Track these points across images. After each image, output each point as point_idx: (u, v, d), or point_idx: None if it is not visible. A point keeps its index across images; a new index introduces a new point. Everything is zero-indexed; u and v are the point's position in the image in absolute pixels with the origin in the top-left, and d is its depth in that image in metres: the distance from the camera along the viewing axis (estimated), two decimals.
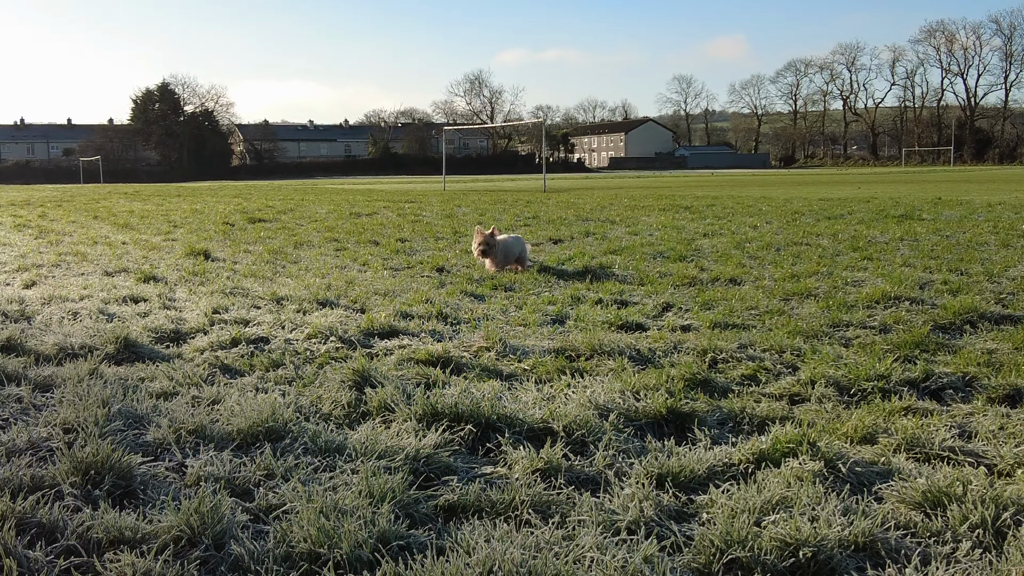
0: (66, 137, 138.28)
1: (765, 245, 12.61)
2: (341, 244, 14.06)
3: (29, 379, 5.19)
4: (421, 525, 3.27)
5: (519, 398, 4.85)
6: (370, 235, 15.46)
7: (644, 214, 20.08)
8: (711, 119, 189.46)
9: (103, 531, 3.08)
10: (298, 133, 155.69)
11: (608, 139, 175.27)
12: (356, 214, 21.53)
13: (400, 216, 20.60)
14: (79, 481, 3.53)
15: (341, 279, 9.68)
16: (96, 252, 12.83)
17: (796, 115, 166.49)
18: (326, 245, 13.90)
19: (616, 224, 17.33)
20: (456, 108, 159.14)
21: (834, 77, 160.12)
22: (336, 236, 15.39)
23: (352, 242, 14.35)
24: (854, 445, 4.13)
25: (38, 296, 8.40)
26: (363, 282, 9.50)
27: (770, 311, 7.51)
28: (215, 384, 5.18)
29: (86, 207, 27.34)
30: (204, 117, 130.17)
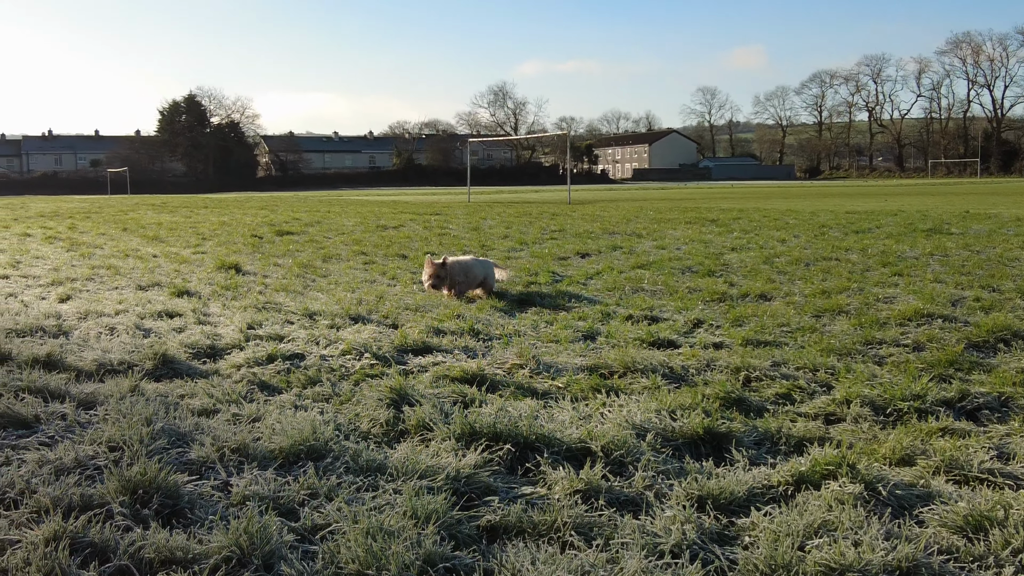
0: (93, 148, 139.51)
1: (794, 260, 12.59)
2: (369, 257, 14.13)
3: (72, 396, 5.25)
4: (465, 546, 3.30)
5: (555, 417, 4.88)
6: (397, 248, 15.54)
7: (670, 227, 20.08)
8: (735, 130, 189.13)
9: (154, 551, 3.13)
10: (323, 144, 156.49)
11: (632, 150, 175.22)
12: (383, 227, 21.63)
13: (426, 229, 20.68)
14: (128, 500, 3.59)
15: (371, 293, 9.74)
16: (128, 265, 12.96)
17: (821, 126, 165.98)
18: (355, 258, 13.98)
19: (643, 238, 17.34)
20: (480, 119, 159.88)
21: (859, 88, 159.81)
22: (364, 249, 15.47)
23: (380, 255, 14.43)
24: (893, 467, 4.13)
25: (74, 311, 8.49)
26: (393, 296, 9.56)
27: (802, 328, 7.50)
28: (254, 401, 5.24)
29: (115, 219, 27.58)
30: (230, 128, 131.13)
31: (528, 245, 16.06)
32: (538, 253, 14.44)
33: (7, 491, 3.74)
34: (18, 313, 8.27)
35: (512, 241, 16.90)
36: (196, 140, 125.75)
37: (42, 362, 6.09)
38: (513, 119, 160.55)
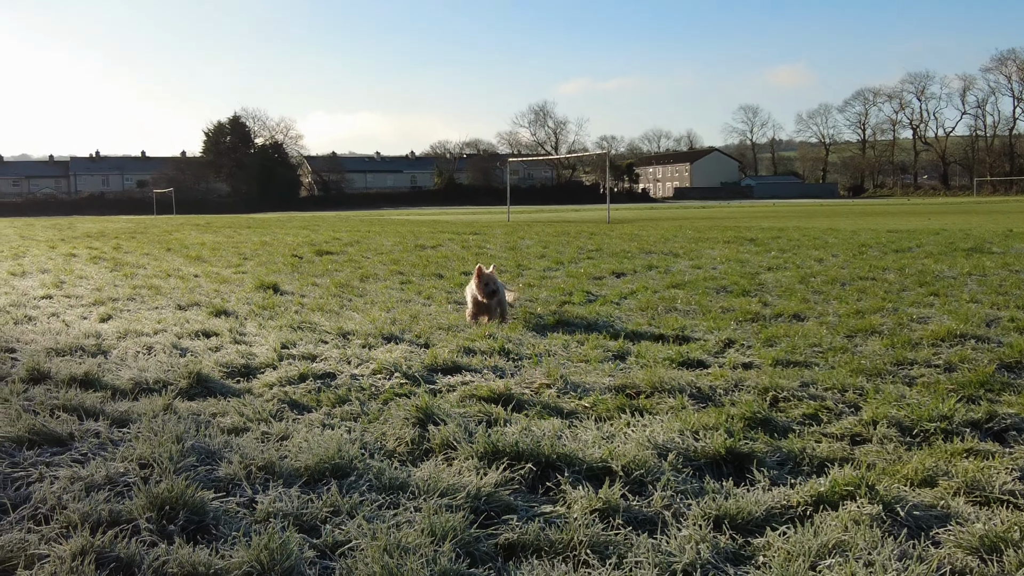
0: (140, 169, 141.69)
1: (830, 280, 12.53)
2: (406, 277, 14.25)
3: (106, 414, 5.37)
4: (481, 564, 3.35)
5: (579, 436, 4.92)
6: (435, 268, 15.65)
7: (708, 247, 20.04)
8: (778, 148, 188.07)
9: (178, 566, 3.22)
10: (365, 164, 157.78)
11: (673, 169, 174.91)
12: (421, 246, 21.78)
13: (464, 248, 20.80)
14: (155, 516, 3.68)
15: (406, 313, 9.83)
16: (169, 285, 13.16)
17: (865, 144, 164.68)
18: (392, 278, 14.10)
19: (679, 257, 17.33)
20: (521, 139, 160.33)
21: (904, 106, 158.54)
22: (401, 269, 15.59)
23: (417, 275, 14.54)
24: (914, 488, 4.13)
25: (114, 330, 8.66)
26: (427, 316, 9.64)
27: (833, 348, 7.48)
28: (283, 420, 5.33)
29: (159, 239, 27.98)
30: (273, 149, 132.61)
31: (564, 265, 16.11)
32: (574, 273, 14.48)
33: (39, 507, 3.84)
34: (59, 332, 8.45)
35: (549, 260, 16.96)
36: (240, 161, 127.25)
37: (79, 380, 6.23)
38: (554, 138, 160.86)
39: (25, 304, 10.86)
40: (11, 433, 4.84)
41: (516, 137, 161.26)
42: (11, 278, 14.63)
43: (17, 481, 4.23)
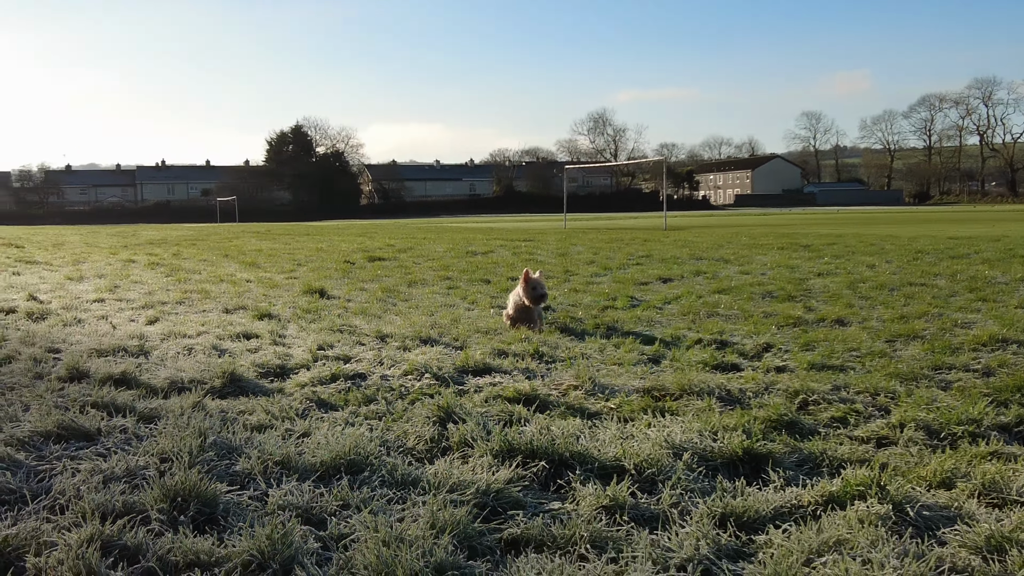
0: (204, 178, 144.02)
1: (879, 285, 12.37)
2: (453, 282, 14.33)
3: (136, 411, 5.49)
4: (481, 557, 3.38)
5: (597, 436, 4.93)
6: (482, 274, 15.71)
7: (760, 253, 19.87)
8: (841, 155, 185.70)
9: (181, 554, 3.29)
10: (424, 172, 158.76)
11: (734, 176, 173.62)
12: (472, 252, 21.87)
13: (514, 255, 20.85)
14: (167, 507, 3.77)
15: (447, 317, 9.89)
16: (219, 290, 13.37)
17: (930, 151, 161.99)
18: (439, 283, 14.18)
19: (729, 263, 17.21)
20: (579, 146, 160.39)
21: (970, 112, 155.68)
22: (449, 274, 15.68)
23: (464, 280, 14.62)
24: (931, 489, 4.08)
25: (158, 332, 8.83)
26: (468, 320, 9.69)
27: (872, 353, 7.41)
28: (308, 418, 5.41)
29: (218, 246, 28.40)
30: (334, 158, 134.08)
31: (612, 270, 16.09)
32: (620, 278, 14.45)
33: (58, 498, 3.95)
34: (105, 334, 8.63)
35: (596, 267, 16.95)
36: (302, 169, 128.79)
37: (116, 379, 6.36)
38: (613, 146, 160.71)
39: (77, 307, 11.10)
40: (40, 428, 4.98)
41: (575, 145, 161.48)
42: (67, 283, 14.95)
43: (40, 473, 4.35)
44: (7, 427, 5.05)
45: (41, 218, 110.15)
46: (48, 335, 8.64)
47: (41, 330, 9.00)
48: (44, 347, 7.80)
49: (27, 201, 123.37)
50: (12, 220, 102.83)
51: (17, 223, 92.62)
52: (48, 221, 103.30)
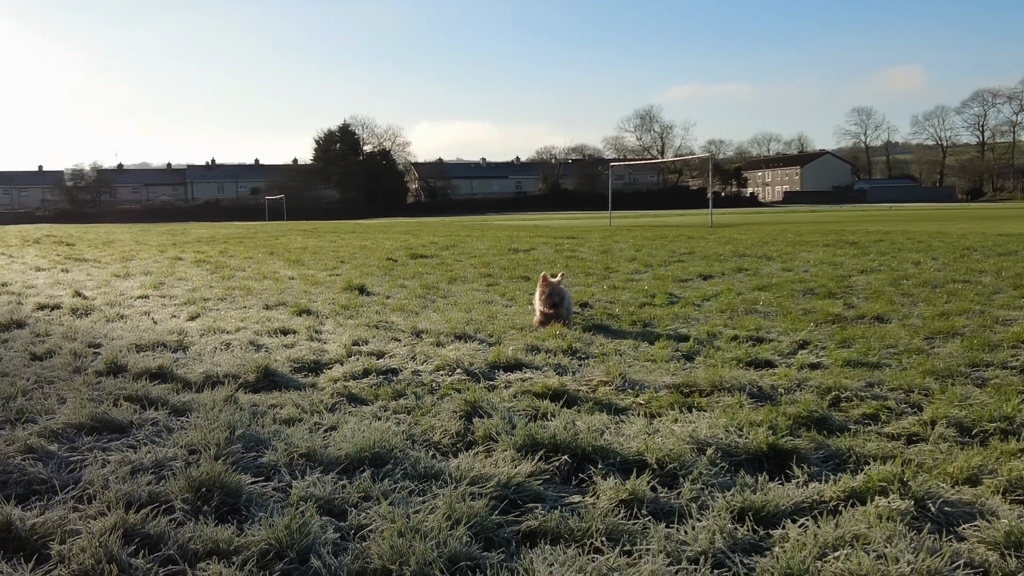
0: (253, 176, 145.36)
1: (922, 282, 12.22)
2: (493, 279, 14.36)
3: (168, 404, 5.59)
4: (496, 548, 3.41)
5: (622, 431, 4.93)
6: (523, 271, 15.74)
7: (805, 250, 19.69)
8: (892, 151, 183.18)
9: (201, 543, 3.36)
10: (470, 170, 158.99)
11: (783, 173, 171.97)
12: (514, 250, 21.91)
13: (556, 252, 20.85)
14: (191, 497, 3.84)
15: (484, 313, 9.93)
16: (262, 287, 13.52)
17: (983, 147, 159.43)
18: (479, 280, 14.23)
19: (772, 260, 17.08)
20: (626, 143, 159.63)
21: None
22: (490, 271, 15.72)
23: (504, 277, 14.65)
24: (957, 486, 4.04)
25: (198, 328, 8.96)
26: (505, 317, 9.73)
27: (909, 350, 7.33)
28: (337, 412, 5.48)
29: (264, 243, 28.69)
30: (381, 156, 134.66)
31: (652, 267, 16.04)
32: (660, 275, 14.41)
33: (87, 488, 4.04)
34: (145, 329, 8.78)
35: (638, 263, 16.91)
36: (349, 168, 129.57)
37: (152, 373, 6.49)
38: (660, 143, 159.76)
39: (121, 303, 11.30)
40: (74, 420, 5.09)
41: (622, 142, 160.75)
42: (114, 279, 15.21)
43: (71, 464, 4.45)
44: (42, 419, 5.16)
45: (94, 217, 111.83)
46: (90, 330, 8.81)
47: (84, 326, 9.18)
48: (85, 342, 7.96)
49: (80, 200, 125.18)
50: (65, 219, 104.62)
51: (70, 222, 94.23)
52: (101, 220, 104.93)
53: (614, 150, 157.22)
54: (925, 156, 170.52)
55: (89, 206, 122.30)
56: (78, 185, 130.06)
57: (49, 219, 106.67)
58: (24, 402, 5.56)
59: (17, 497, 3.95)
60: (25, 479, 4.17)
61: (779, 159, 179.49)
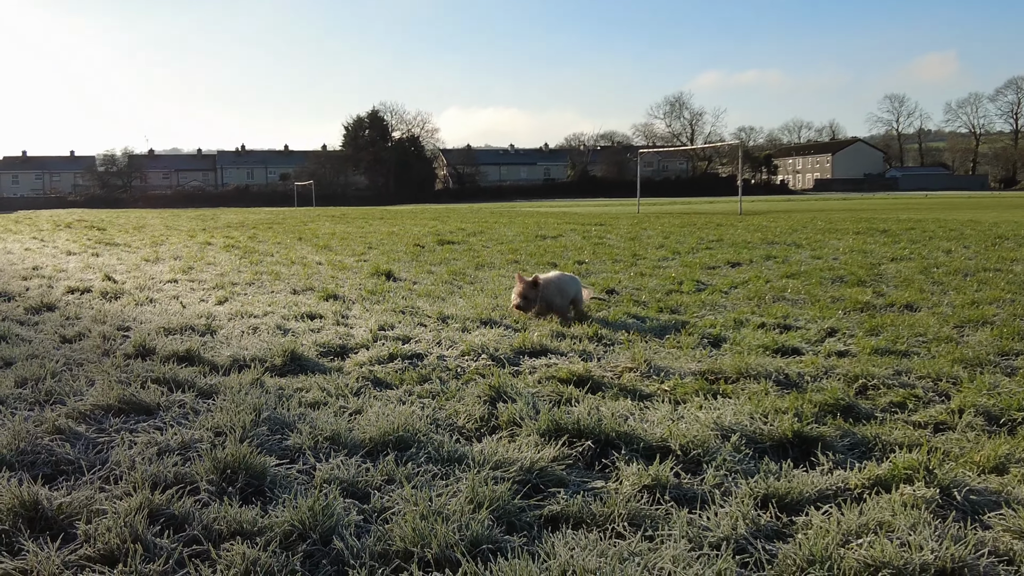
0: (282, 163, 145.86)
1: (953, 271, 12.11)
2: (521, 265, 14.34)
3: (195, 386, 5.64)
4: (518, 532, 3.42)
5: (647, 417, 4.92)
6: (550, 257, 15.72)
7: (835, 237, 19.56)
8: (925, 139, 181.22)
9: (225, 524, 3.39)
10: (499, 157, 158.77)
11: (814, 160, 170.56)
12: (541, 236, 21.88)
13: (584, 239, 20.81)
14: (216, 479, 3.88)
15: (510, 299, 9.91)
16: (290, 272, 13.58)
17: (1017, 135, 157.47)
18: (506, 266, 14.22)
19: (801, 248, 16.97)
20: (656, 131, 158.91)
21: None
22: (517, 258, 15.71)
23: (532, 264, 14.63)
24: (983, 474, 4.01)
25: (226, 312, 9.02)
26: None
27: (939, 338, 7.27)
28: (362, 396, 5.50)
29: (293, 229, 28.81)
30: (410, 143, 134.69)
31: (680, 255, 15.97)
32: (688, 262, 14.35)
33: (114, 468, 4.08)
34: (175, 313, 8.84)
35: (665, 251, 16.84)
36: (378, 154, 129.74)
37: (180, 356, 6.54)
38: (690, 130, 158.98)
39: (150, 287, 11.39)
40: (102, 402, 5.14)
41: (651, 129, 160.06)
42: (144, 264, 15.33)
43: (99, 445, 4.50)
44: (71, 400, 5.21)
45: (125, 202, 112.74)
46: (120, 314, 8.88)
47: (114, 309, 9.26)
48: (114, 325, 8.04)
49: (112, 185, 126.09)
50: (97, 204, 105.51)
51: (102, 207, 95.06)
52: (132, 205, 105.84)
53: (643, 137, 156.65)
54: (958, 144, 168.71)
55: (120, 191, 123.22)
56: (109, 170, 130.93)
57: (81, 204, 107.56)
58: (53, 384, 5.62)
59: (44, 477, 4.01)
60: (53, 459, 4.22)
61: (810, 146, 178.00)
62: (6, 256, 17.70)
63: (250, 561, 3.05)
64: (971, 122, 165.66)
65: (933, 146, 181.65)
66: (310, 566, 3.14)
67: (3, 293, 10.79)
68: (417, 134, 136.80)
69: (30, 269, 14.38)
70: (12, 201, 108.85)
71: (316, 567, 3.14)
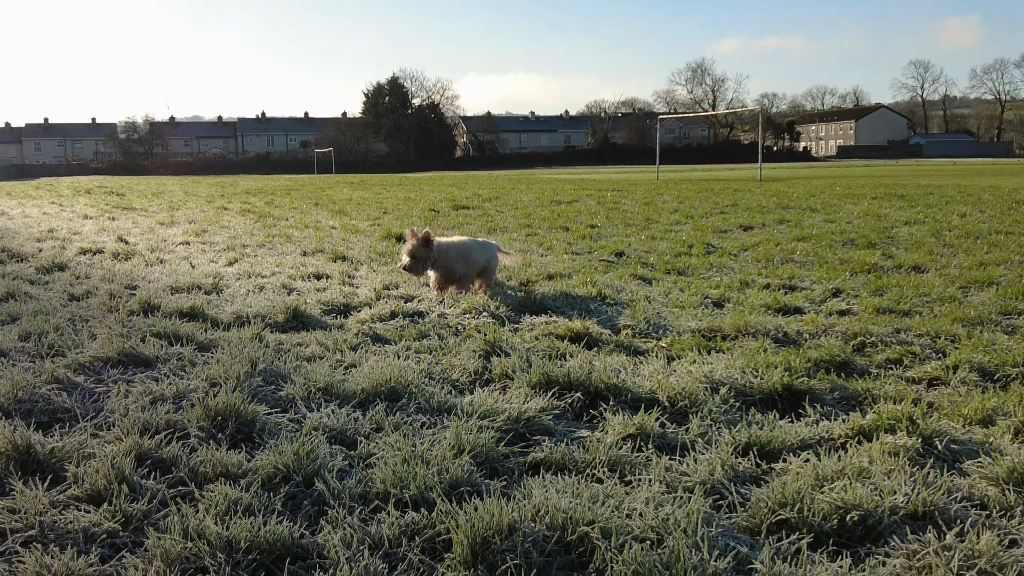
0: (303, 130, 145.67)
1: (965, 233, 12.05)
2: (533, 230, 14.36)
3: (195, 340, 5.71)
4: (500, 476, 3.47)
5: (639, 372, 4.96)
6: (563, 221, 15.71)
7: (851, 202, 19.46)
8: (950, 105, 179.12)
9: (211, 467, 3.47)
10: (519, 124, 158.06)
11: (837, 127, 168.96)
12: (556, 202, 21.86)
13: (599, 204, 20.78)
14: (207, 426, 3.95)
15: (518, 261, 9.94)
16: (302, 235, 13.65)
17: None
18: (518, 231, 14.23)
19: (816, 212, 16.90)
20: (677, 97, 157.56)
21: None
22: (530, 222, 15.72)
23: (544, 228, 14.64)
24: (969, 426, 4.03)
25: (235, 272, 9.10)
26: (539, 265, 9.73)
27: (943, 298, 7.26)
28: (359, 351, 5.56)
29: (311, 195, 28.87)
30: (430, 110, 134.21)
31: (694, 219, 15.94)
32: (700, 226, 14.32)
33: (108, 416, 4.16)
34: (183, 273, 8.93)
35: (679, 215, 16.81)
36: (398, 121, 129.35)
37: (184, 313, 6.61)
38: (711, 96, 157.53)
39: (162, 249, 11.49)
40: (102, 354, 5.22)
41: (672, 95, 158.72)
42: (158, 227, 15.43)
43: (95, 394, 4.59)
44: (71, 353, 5.30)
45: (147, 169, 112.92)
46: (129, 273, 8.97)
47: (123, 269, 9.35)
48: (122, 284, 8.12)
49: (133, 152, 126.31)
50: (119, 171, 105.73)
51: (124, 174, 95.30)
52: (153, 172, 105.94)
53: (665, 104, 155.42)
54: (983, 111, 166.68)
55: (142, 158, 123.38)
56: (131, 138, 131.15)
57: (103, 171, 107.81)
58: (56, 337, 5.71)
59: (40, 424, 4.09)
60: (49, 408, 4.31)
61: (833, 113, 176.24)
62: (23, 220, 17.85)
63: (232, 500, 3.11)
64: (996, 88, 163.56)
65: (958, 112, 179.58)
66: (291, 506, 3.21)
67: (17, 254, 10.91)
68: (437, 101, 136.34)
69: (45, 232, 14.51)
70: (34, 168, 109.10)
71: (298, 507, 3.20)
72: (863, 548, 2.86)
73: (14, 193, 32.77)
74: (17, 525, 3.04)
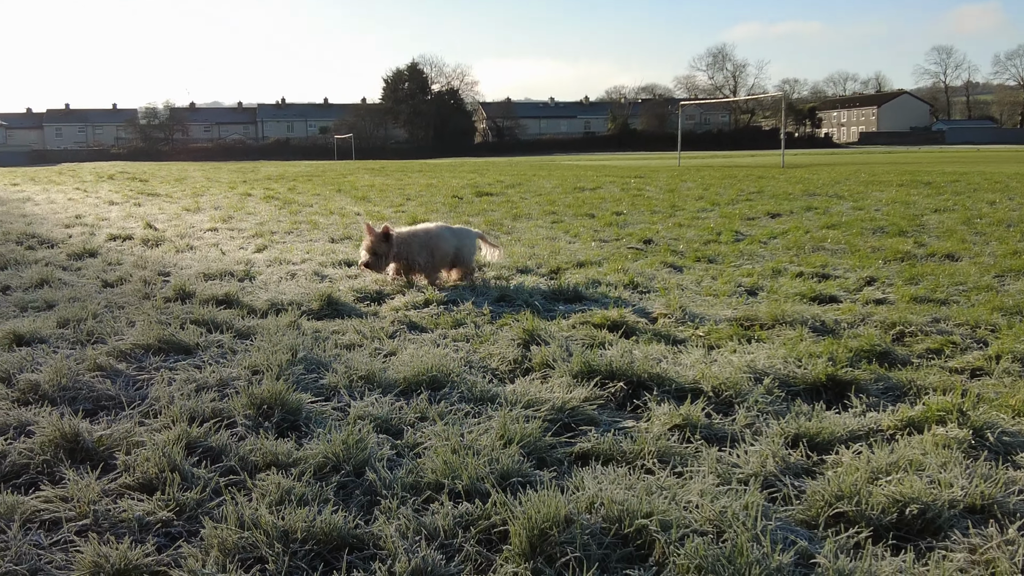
0: (322, 116, 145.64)
1: (996, 221, 11.95)
2: (558, 217, 14.33)
3: (233, 328, 5.72)
4: (548, 467, 3.45)
5: (680, 361, 4.93)
6: (588, 208, 15.67)
7: (877, 189, 19.33)
8: (973, 91, 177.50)
9: (260, 455, 3.47)
10: (539, 110, 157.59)
11: (859, 113, 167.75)
12: (580, 188, 21.81)
13: (623, 191, 20.72)
14: (252, 413, 3.96)
15: (546, 249, 9.93)
16: (328, 222, 13.66)
17: None
18: (543, 217, 14.21)
19: (843, 199, 16.80)
20: (698, 83, 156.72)
21: None
22: (555, 209, 15.69)
23: (569, 215, 14.61)
24: (1017, 417, 3.98)
25: (264, 259, 9.11)
26: (568, 252, 9.71)
27: (979, 287, 7.20)
28: (397, 338, 5.56)
29: (333, 181, 28.90)
30: (449, 96, 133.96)
31: (720, 206, 15.86)
32: (727, 213, 14.26)
33: (153, 404, 4.17)
34: (214, 260, 8.95)
35: (704, 202, 16.74)
36: (417, 107, 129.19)
37: (219, 300, 6.63)
38: (732, 82, 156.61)
39: (190, 235, 11.52)
40: (142, 341, 5.24)
41: (693, 81, 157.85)
42: (184, 213, 15.49)
43: (139, 382, 4.60)
44: (111, 340, 5.32)
45: (167, 154, 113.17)
46: (160, 260, 9.00)
47: (154, 255, 9.38)
48: (155, 270, 8.15)
49: (154, 138, 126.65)
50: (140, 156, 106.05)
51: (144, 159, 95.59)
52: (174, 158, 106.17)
53: (685, 90, 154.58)
54: (1007, 97, 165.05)
55: (162, 144, 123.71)
56: (151, 123, 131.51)
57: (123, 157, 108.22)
58: (94, 324, 5.73)
59: (85, 412, 4.09)
60: (93, 395, 4.32)
61: (855, 99, 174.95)
62: (50, 206, 17.94)
63: (284, 490, 3.11)
64: (1020, 74, 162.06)
65: (981, 99, 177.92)
66: (343, 496, 3.20)
67: (47, 240, 10.97)
68: (456, 87, 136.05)
69: (73, 218, 14.58)
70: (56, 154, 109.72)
71: (349, 496, 3.19)
72: (923, 542, 2.83)
73: (38, 179, 32.96)
74: (71, 514, 3.04)
